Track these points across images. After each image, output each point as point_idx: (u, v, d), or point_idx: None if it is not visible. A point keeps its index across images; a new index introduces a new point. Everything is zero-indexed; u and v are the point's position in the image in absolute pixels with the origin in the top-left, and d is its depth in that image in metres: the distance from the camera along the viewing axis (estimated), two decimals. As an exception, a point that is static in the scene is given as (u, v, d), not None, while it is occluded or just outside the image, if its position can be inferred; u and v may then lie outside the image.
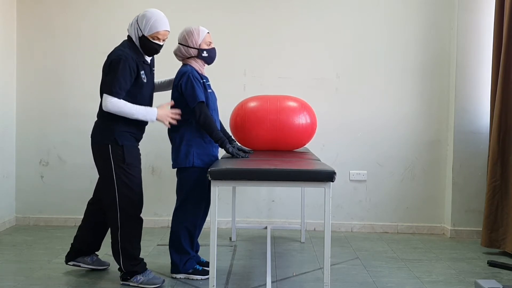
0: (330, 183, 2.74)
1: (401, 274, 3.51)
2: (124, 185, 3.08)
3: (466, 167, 4.54)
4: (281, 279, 3.37)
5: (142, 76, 3.08)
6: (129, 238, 3.12)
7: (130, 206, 3.11)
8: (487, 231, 4.06)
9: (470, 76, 4.53)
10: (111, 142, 3.05)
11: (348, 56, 4.73)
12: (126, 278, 3.17)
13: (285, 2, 4.73)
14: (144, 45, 3.09)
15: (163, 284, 3.20)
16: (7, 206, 4.66)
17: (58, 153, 4.77)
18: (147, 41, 3.07)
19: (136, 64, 3.04)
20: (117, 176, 3.06)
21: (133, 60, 3.03)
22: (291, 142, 3.83)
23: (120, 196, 3.08)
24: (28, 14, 4.75)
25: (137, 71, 3.04)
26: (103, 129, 3.09)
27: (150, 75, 3.20)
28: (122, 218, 3.09)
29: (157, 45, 3.11)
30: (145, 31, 3.05)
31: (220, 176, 2.77)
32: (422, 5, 4.69)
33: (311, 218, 4.69)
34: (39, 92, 4.74)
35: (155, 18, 3.05)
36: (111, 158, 3.05)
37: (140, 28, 3.06)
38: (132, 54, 3.04)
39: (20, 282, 3.22)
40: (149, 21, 3.04)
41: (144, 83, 3.10)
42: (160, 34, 3.08)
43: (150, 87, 3.21)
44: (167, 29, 3.12)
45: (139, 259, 3.19)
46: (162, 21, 3.08)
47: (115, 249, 3.15)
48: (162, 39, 3.11)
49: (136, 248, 3.18)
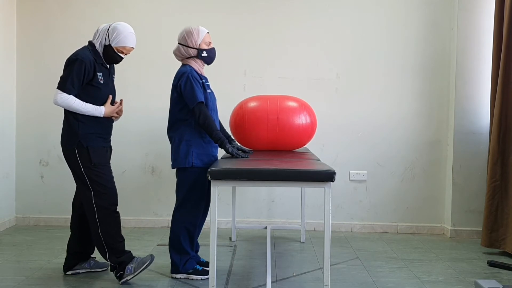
0: (330, 183, 2.74)
1: (401, 274, 3.51)
2: (96, 184, 3.18)
3: (466, 167, 4.54)
4: (281, 279, 3.37)
5: (99, 77, 3.18)
6: (109, 233, 3.20)
7: (106, 203, 3.20)
8: (487, 231, 4.05)
9: (470, 76, 4.53)
10: (76, 145, 3.16)
11: (348, 56, 4.73)
12: (121, 275, 3.20)
13: (285, 2, 4.73)
14: (107, 53, 3.20)
15: (152, 258, 3.24)
16: (7, 206, 4.66)
17: (58, 153, 4.71)
18: (112, 51, 3.19)
19: (94, 66, 3.14)
20: (88, 177, 3.18)
21: (90, 61, 3.13)
22: (291, 142, 3.83)
23: (95, 194, 3.18)
24: (28, 14, 4.75)
25: (93, 72, 3.14)
26: (69, 133, 3.21)
27: (108, 78, 3.28)
28: (99, 215, 3.18)
29: (119, 57, 3.24)
30: (112, 42, 3.17)
31: (220, 176, 2.77)
32: (422, 5, 4.69)
33: (311, 218, 4.69)
34: (39, 92, 4.74)
35: (125, 34, 3.18)
36: (79, 161, 3.17)
37: (109, 38, 3.17)
38: (90, 56, 3.15)
39: (20, 282, 3.22)
40: (120, 35, 3.17)
41: (101, 83, 3.19)
42: (125, 49, 3.23)
43: (110, 89, 3.29)
44: (133, 46, 3.26)
45: (124, 251, 3.25)
46: (131, 38, 3.22)
47: (99, 244, 3.22)
48: (125, 53, 3.25)
49: (119, 241, 3.24)
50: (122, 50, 3.20)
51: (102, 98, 3.21)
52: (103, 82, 3.19)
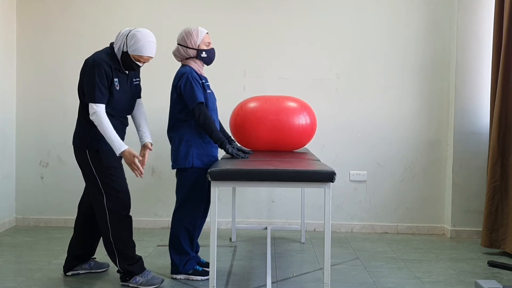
0: (330, 184, 2.74)
1: (401, 275, 3.51)
2: (108, 187, 3.10)
3: (466, 167, 4.54)
4: (281, 279, 3.37)
5: (116, 83, 3.07)
6: (120, 238, 3.14)
7: (118, 207, 3.13)
8: (487, 231, 4.05)
9: (470, 76, 4.52)
10: (88, 147, 3.09)
11: (348, 57, 4.73)
12: (125, 279, 3.17)
13: (285, 2, 4.72)
14: (124, 60, 3.09)
15: (162, 284, 3.20)
16: (7, 207, 4.66)
17: (58, 154, 4.77)
18: (129, 58, 3.07)
19: (111, 71, 3.05)
20: (101, 179, 3.10)
21: (108, 66, 3.03)
22: (291, 143, 3.83)
23: (107, 197, 3.11)
24: (28, 14, 4.74)
25: (112, 77, 3.05)
26: (81, 134, 3.13)
27: (126, 84, 3.17)
28: (111, 219, 3.12)
29: (136, 65, 3.12)
30: (130, 49, 3.05)
31: (220, 177, 2.77)
32: (422, 5, 4.69)
33: (311, 218, 4.68)
34: (39, 92, 4.74)
35: (143, 43, 3.04)
36: (90, 163, 3.09)
37: (127, 44, 3.05)
38: (108, 60, 3.05)
39: (20, 283, 3.22)
40: (138, 43, 3.04)
41: (117, 90, 3.08)
42: (143, 58, 3.10)
43: (126, 95, 3.17)
44: (151, 56, 3.12)
45: (135, 258, 3.19)
46: (149, 47, 3.07)
47: (110, 250, 3.16)
48: (143, 62, 3.13)
49: (130, 246, 3.19)
50: (139, 58, 3.08)
51: (115, 103, 3.09)
52: (118, 89, 3.08)
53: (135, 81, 3.26)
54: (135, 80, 3.26)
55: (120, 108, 3.15)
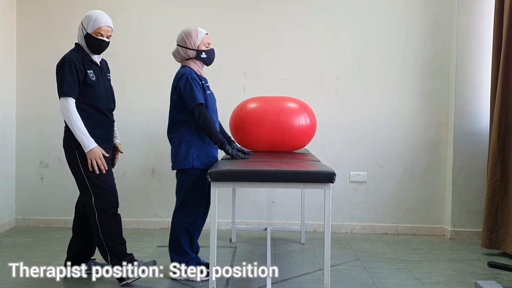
0: (330, 184, 2.74)
1: (401, 275, 3.51)
2: (96, 186, 3.15)
3: (466, 168, 4.54)
4: (281, 280, 3.36)
5: (90, 74, 3.14)
6: (110, 236, 3.19)
7: (105, 205, 3.18)
8: (487, 232, 4.05)
9: (470, 77, 4.52)
10: (76, 147, 3.13)
11: (347, 57, 4.73)
12: (121, 278, 3.19)
13: (285, 3, 4.72)
14: (89, 42, 3.17)
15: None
16: (7, 208, 4.66)
17: (58, 154, 4.75)
18: (92, 38, 3.15)
19: (83, 64, 3.12)
20: (88, 179, 3.15)
21: (78, 60, 3.11)
22: (291, 143, 3.83)
23: (95, 197, 3.16)
24: (28, 14, 4.74)
25: (84, 70, 3.12)
26: (69, 135, 3.17)
27: (101, 75, 3.24)
28: (100, 218, 3.17)
29: (101, 40, 3.17)
30: (88, 29, 3.15)
31: (220, 178, 2.77)
32: (422, 5, 4.69)
33: (311, 219, 4.68)
34: (39, 93, 4.73)
35: (96, 16, 3.16)
36: (79, 163, 3.14)
37: (84, 27, 3.16)
38: (77, 55, 3.14)
39: (20, 284, 3.22)
40: (91, 19, 3.16)
41: (93, 81, 3.15)
42: (102, 30, 3.16)
43: (104, 87, 3.24)
44: (108, 25, 3.20)
45: (126, 255, 3.24)
46: (104, 18, 3.18)
47: (101, 247, 3.21)
48: (105, 35, 3.18)
49: (120, 243, 3.23)
50: (99, 32, 3.15)
51: (96, 96, 3.16)
52: (94, 79, 3.16)
53: (108, 75, 3.33)
54: (108, 75, 3.34)
55: (103, 100, 3.20)
